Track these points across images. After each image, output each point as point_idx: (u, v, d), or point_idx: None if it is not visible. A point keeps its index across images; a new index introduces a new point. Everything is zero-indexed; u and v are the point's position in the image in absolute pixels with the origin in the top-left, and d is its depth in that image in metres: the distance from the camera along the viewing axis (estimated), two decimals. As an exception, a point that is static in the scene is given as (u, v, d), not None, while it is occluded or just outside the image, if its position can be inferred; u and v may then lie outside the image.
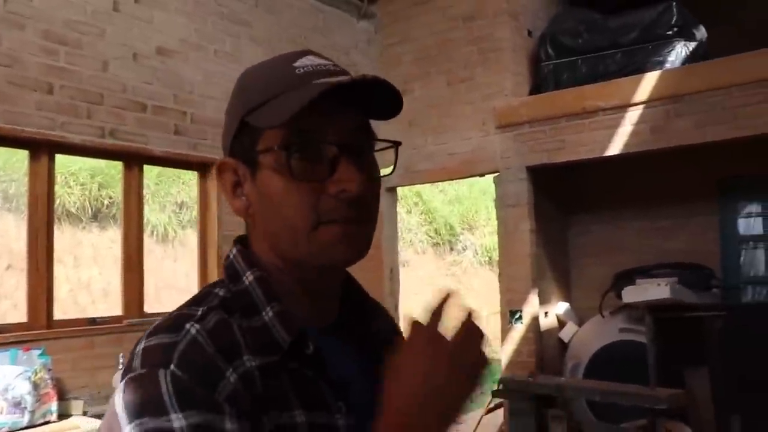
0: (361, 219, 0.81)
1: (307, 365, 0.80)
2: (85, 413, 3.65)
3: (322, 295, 0.85)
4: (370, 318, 0.94)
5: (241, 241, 0.88)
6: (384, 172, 0.88)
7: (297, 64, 0.82)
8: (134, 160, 4.39)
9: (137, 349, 0.74)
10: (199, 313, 0.77)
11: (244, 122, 0.82)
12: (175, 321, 0.76)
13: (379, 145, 0.85)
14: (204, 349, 0.73)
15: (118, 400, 0.71)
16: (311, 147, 0.79)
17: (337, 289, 0.90)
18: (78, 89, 4.01)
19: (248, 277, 0.83)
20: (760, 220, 5.55)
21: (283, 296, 0.82)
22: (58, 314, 4.05)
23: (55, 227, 4.10)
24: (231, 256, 0.86)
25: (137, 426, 0.68)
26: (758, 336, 4.48)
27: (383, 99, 0.82)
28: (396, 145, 0.86)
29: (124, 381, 0.72)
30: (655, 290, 4.71)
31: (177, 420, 0.67)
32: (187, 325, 0.75)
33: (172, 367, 0.71)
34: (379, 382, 0.76)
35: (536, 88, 5.70)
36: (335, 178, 0.79)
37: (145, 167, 4.53)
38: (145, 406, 0.68)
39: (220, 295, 0.82)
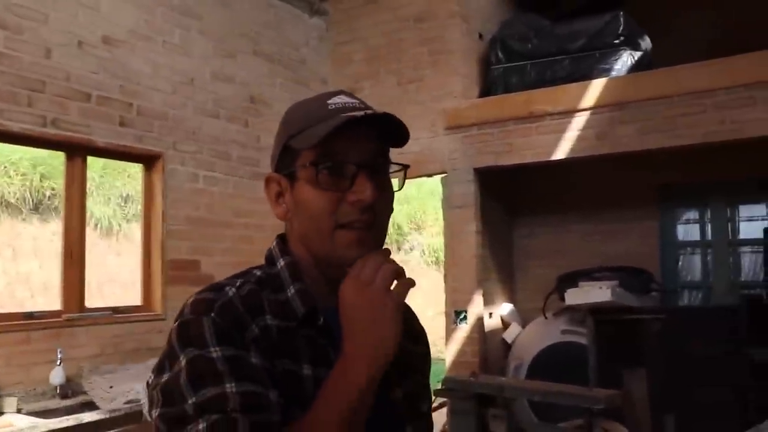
0: (372, 224, 1.02)
1: (319, 334, 1.03)
2: (19, 410, 3.54)
3: (339, 282, 1.01)
4: None
5: (281, 238, 1.12)
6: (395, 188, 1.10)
7: (330, 101, 1.05)
8: (77, 151, 4.28)
9: (187, 302, 0.99)
10: (238, 283, 1.02)
11: (286, 146, 1.05)
12: (218, 285, 1.02)
13: (393, 168, 1.07)
14: (236, 306, 0.97)
15: (173, 337, 0.95)
16: (335, 165, 1.00)
17: None
18: (18, 76, 3.89)
19: (280, 263, 1.07)
20: (697, 226, 5.73)
21: (307, 281, 1.06)
22: (-7, 308, 3.93)
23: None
24: (271, 247, 1.11)
25: (186, 354, 0.92)
26: (693, 338, 4.62)
27: (396, 130, 1.03)
28: (405, 167, 1.08)
29: (176, 323, 0.97)
30: (597, 293, 4.81)
31: (215, 351, 0.92)
32: (227, 289, 1.00)
33: (212, 315, 0.95)
34: None
35: (485, 91, 5.76)
36: (353, 189, 0.99)
37: (91, 159, 4.43)
38: (192, 341, 0.93)
39: (257, 274, 1.06)
